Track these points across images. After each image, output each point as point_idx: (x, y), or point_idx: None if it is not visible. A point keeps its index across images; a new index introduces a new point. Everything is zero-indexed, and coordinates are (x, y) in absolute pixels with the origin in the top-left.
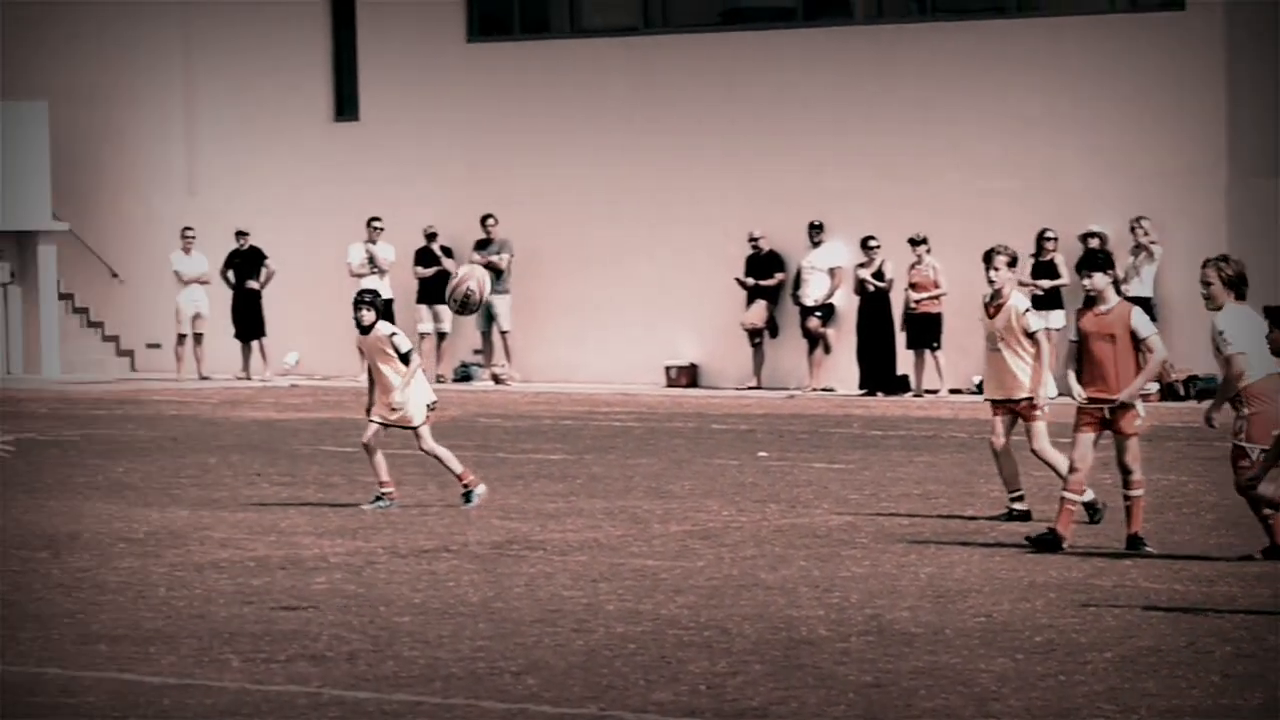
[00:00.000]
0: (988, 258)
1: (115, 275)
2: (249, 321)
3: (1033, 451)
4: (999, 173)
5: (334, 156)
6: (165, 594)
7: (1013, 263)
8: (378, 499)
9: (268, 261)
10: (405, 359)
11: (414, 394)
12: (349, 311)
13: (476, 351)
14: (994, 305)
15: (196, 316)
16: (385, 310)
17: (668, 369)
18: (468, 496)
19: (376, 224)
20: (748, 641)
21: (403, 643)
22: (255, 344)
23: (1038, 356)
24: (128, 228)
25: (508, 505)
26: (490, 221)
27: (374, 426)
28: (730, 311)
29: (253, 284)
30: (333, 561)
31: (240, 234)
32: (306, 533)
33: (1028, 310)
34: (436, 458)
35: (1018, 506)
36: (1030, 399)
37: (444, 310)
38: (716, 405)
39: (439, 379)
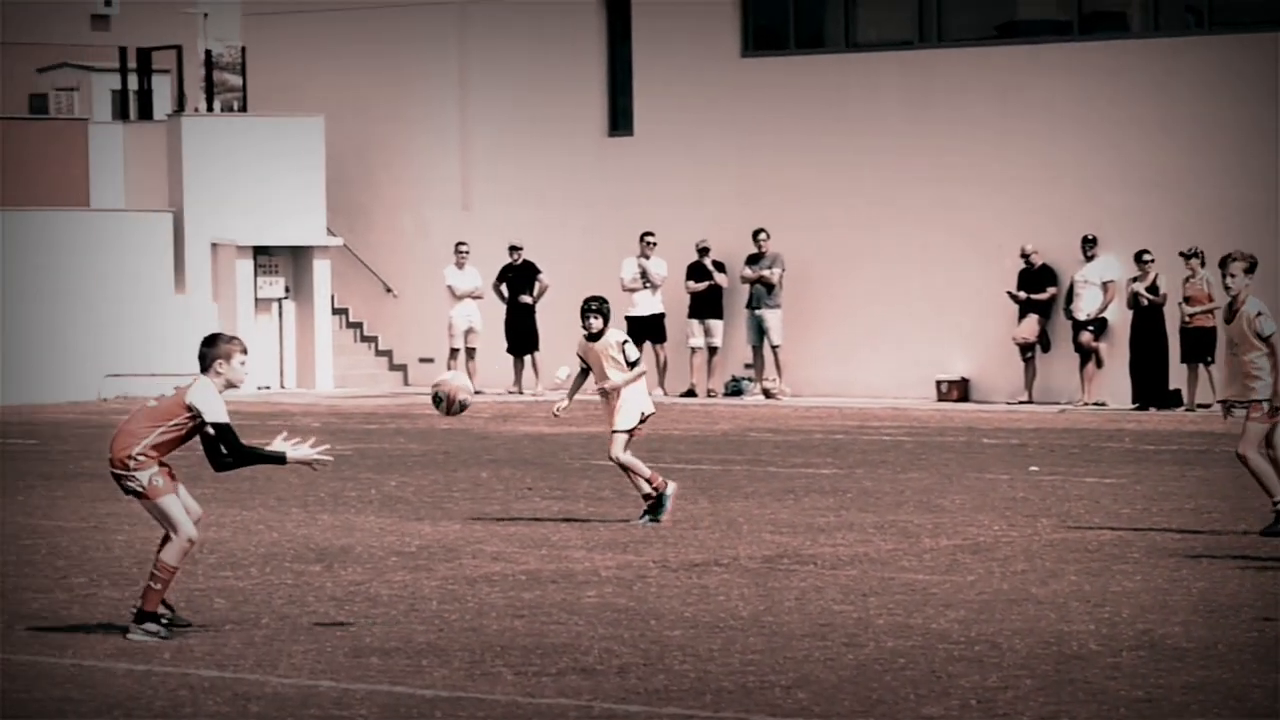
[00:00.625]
0: (1223, 263)
1: (389, 290)
2: (521, 336)
3: (1237, 455)
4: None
5: (607, 171)
6: (437, 607)
7: (1250, 268)
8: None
9: (541, 276)
10: (633, 367)
11: (630, 399)
12: (621, 327)
13: (747, 366)
14: (1230, 310)
15: (469, 331)
16: (657, 324)
17: (939, 383)
18: (660, 502)
19: (649, 238)
20: (1018, 656)
21: (673, 656)
22: (527, 358)
23: (1272, 359)
24: (401, 243)
25: (778, 519)
26: (762, 236)
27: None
28: (1002, 326)
29: (526, 298)
30: (604, 575)
31: (514, 248)
32: (578, 546)
33: (1259, 314)
34: (625, 468)
35: None
36: (1262, 400)
37: (715, 324)
38: (987, 420)
39: (710, 393)
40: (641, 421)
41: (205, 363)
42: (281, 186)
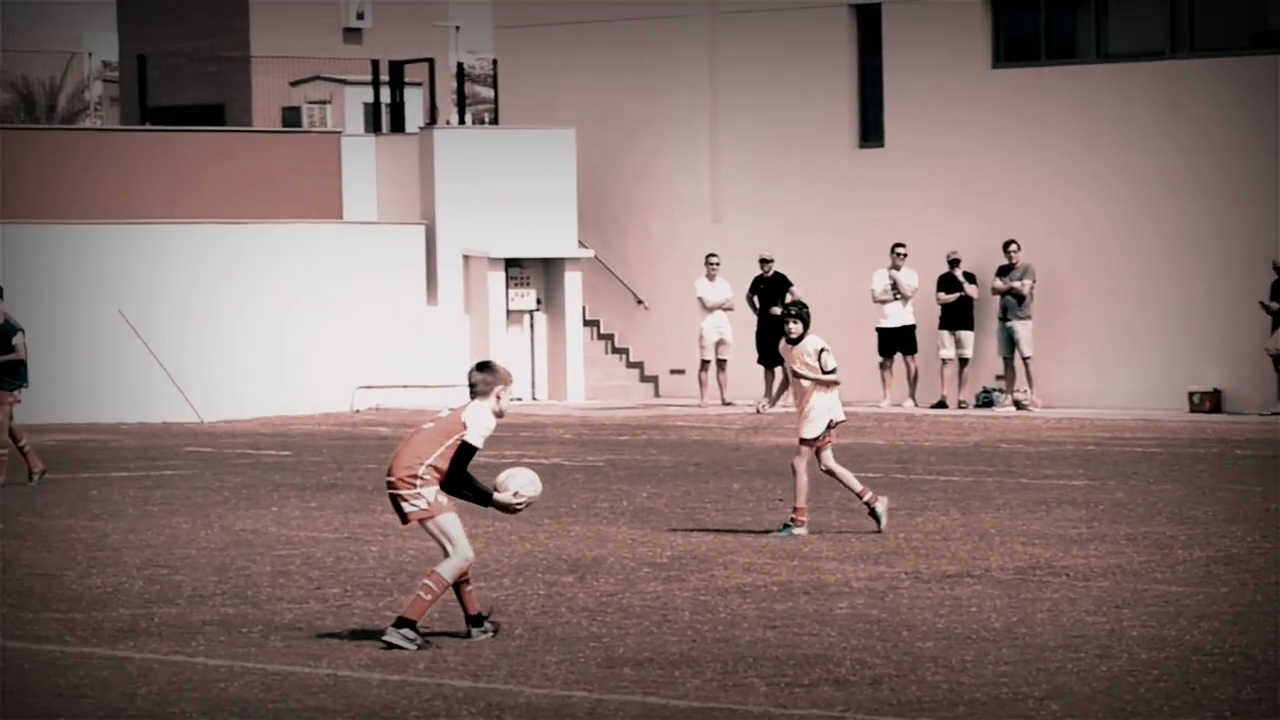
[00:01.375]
0: None
1: (640, 302)
2: (772, 348)
3: None
4: None
5: (858, 183)
6: (689, 618)
7: None
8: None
9: (792, 288)
10: (829, 374)
11: (818, 407)
12: (872, 339)
13: (998, 377)
14: None
15: (720, 342)
16: (908, 336)
17: (1191, 394)
18: (874, 514)
19: (900, 250)
20: (1273, 669)
21: (925, 668)
22: (778, 370)
23: None
24: (652, 254)
25: (1030, 531)
26: (1012, 247)
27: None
28: (1255, 336)
29: (776, 310)
30: (855, 586)
31: (764, 260)
32: (829, 558)
33: None
34: (835, 476)
35: None
36: None
37: (966, 336)
38: (1240, 431)
39: (960, 405)
40: (829, 429)
41: (483, 388)
42: (533, 198)
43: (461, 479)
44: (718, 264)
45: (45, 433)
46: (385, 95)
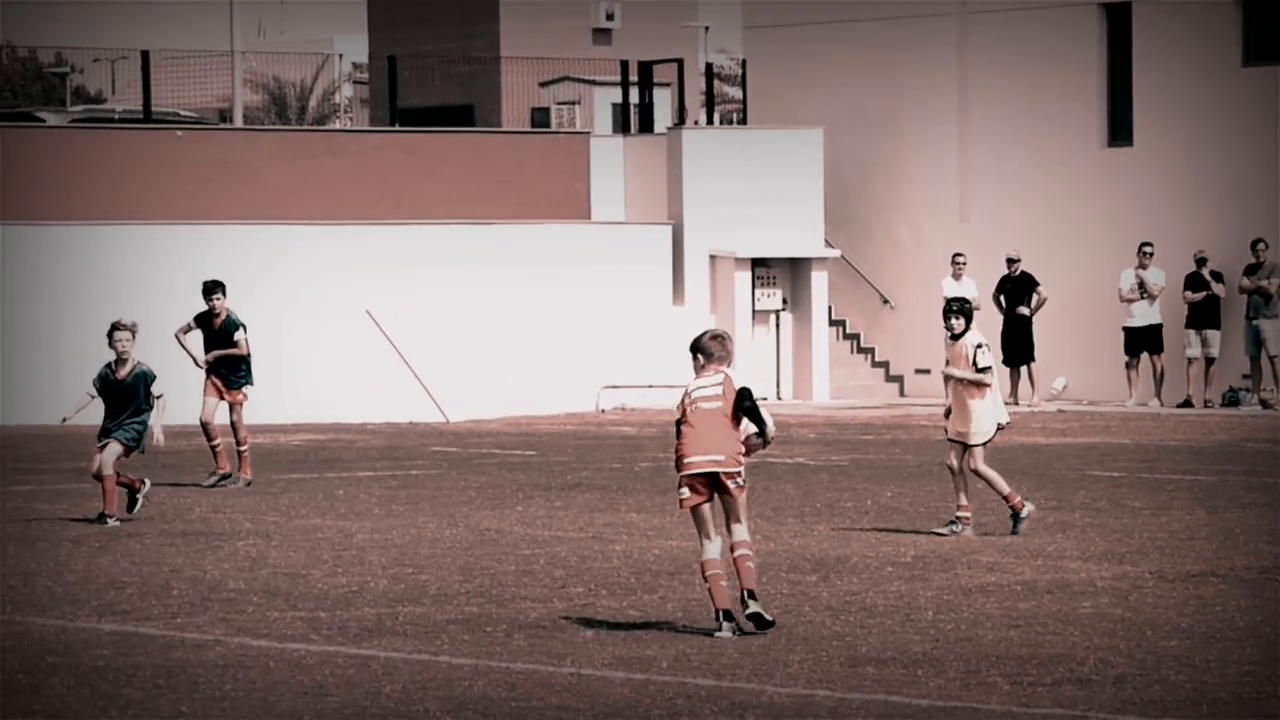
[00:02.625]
0: None
1: (886, 301)
2: (1018, 347)
3: None
4: None
5: (1105, 182)
6: (933, 617)
7: None
8: (952, 522)
9: (1039, 288)
10: (981, 373)
11: (982, 411)
12: (1118, 338)
13: (1245, 376)
14: None
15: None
16: (1154, 335)
17: None
18: (1016, 519)
19: (1147, 249)
20: None
21: (1169, 667)
22: (1024, 369)
23: None
24: (898, 254)
25: (1276, 530)
26: (1260, 246)
27: (954, 448)
28: None
29: (1023, 310)
30: (1099, 586)
31: (1011, 260)
32: (1073, 557)
33: None
34: (985, 480)
35: None
36: None
37: (1213, 335)
38: None
39: (1206, 404)
40: (998, 431)
41: (726, 356)
42: (780, 198)
43: (756, 411)
44: (964, 263)
45: (293, 433)
46: (634, 96)
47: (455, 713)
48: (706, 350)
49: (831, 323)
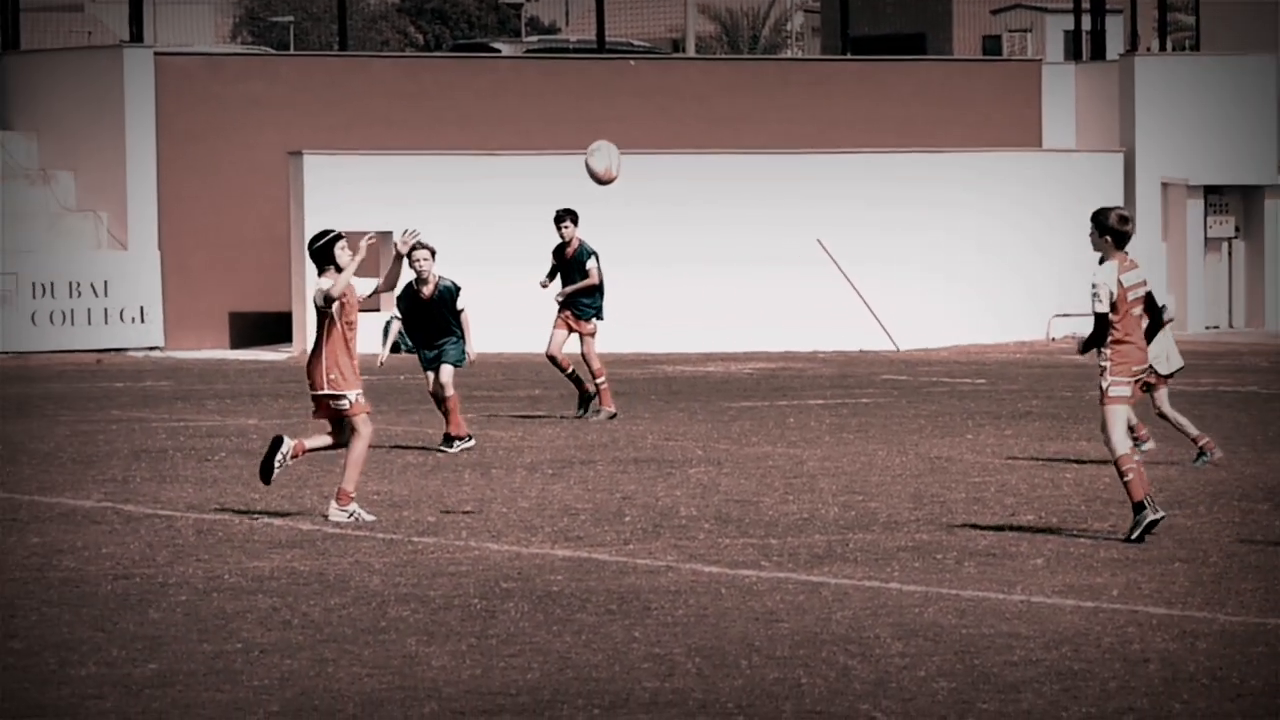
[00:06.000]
0: None
1: None
2: None
3: None
4: None
5: None
6: None
7: None
8: (1200, 455)
9: None
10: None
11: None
12: None
13: None
14: None
15: None
16: None
17: None
18: (1200, 457)
19: None
20: None
21: None
22: None
23: None
24: None
25: None
26: None
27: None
28: None
29: None
30: None
31: None
32: None
33: None
34: (1165, 418)
35: None
36: None
37: None
38: None
39: None
40: (1173, 375)
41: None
42: (1233, 126)
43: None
44: None
45: (744, 361)
46: (1085, 23)
47: (905, 639)
48: (1129, 236)
49: None
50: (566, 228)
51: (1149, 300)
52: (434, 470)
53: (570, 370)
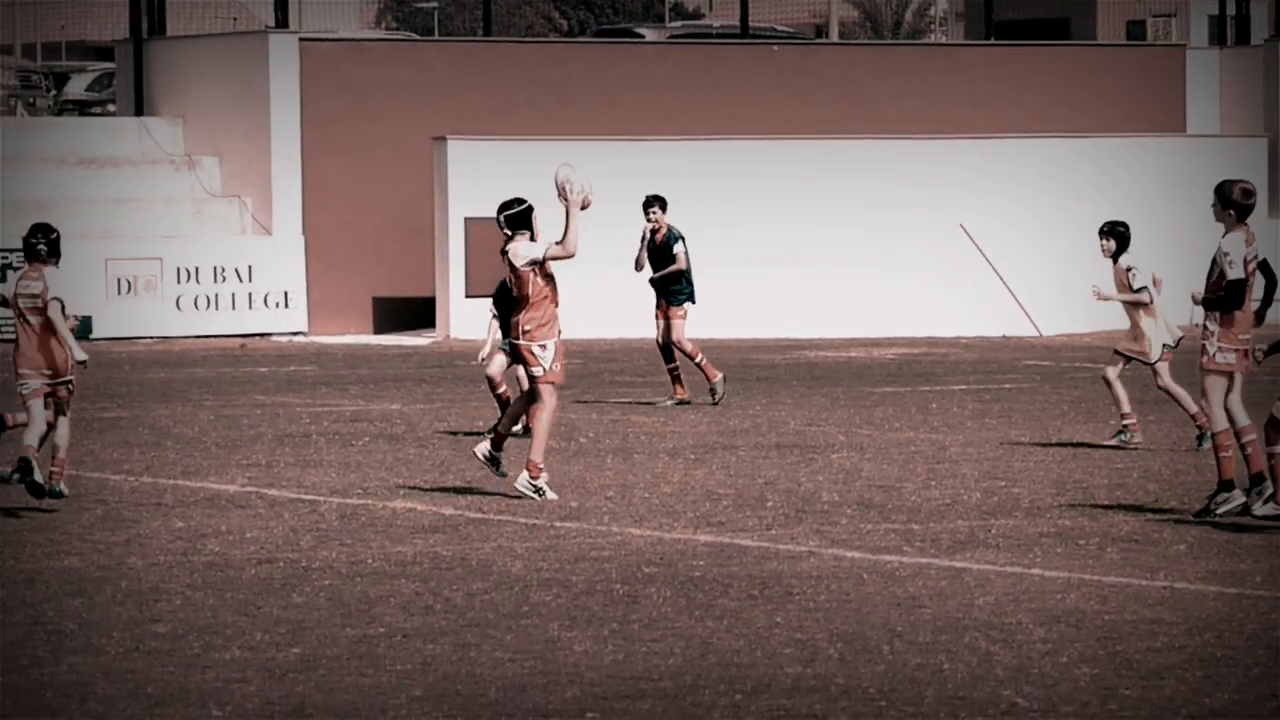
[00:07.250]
0: None
1: None
2: None
3: None
4: None
5: None
6: None
7: None
8: (1119, 432)
9: None
10: (1136, 293)
11: (1152, 330)
12: None
13: None
14: None
15: None
16: None
17: None
18: (1200, 439)
19: None
20: None
21: None
22: None
23: None
24: None
25: None
26: None
27: (1120, 360)
28: None
29: None
30: None
31: None
32: None
33: None
34: (1171, 395)
35: None
36: None
37: None
38: None
39: None
40: (1174, 347)
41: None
42: None
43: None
44: None
45: (887, 346)
46: (1230, 7)
47: (1048, 625)
48: (1251, 209)
49: None
50: (654, 213)
51: (1263, 267)
52: (576, 455)
53: (699, 359)
